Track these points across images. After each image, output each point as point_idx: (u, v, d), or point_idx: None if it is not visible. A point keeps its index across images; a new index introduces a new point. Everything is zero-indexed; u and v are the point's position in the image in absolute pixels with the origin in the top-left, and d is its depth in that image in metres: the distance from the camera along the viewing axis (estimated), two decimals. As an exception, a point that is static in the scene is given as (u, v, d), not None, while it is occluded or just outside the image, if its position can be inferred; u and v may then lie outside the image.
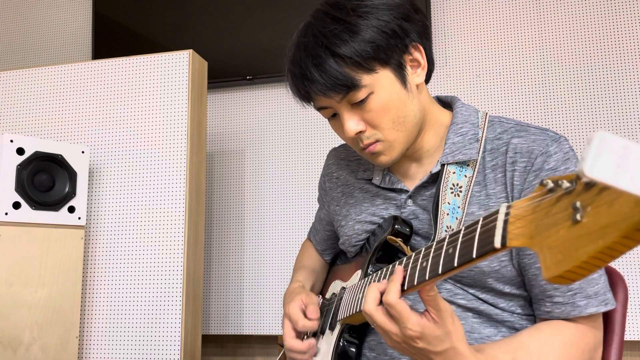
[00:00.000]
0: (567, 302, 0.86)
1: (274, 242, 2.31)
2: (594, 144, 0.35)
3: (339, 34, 0.87)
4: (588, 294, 0.86)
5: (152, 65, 2.01)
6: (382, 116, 0.90)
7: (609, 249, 0.38)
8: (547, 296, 0.88)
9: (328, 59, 0.87)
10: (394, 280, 0.73)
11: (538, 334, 0.86)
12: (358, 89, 0.88)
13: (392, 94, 0.90)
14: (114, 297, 1.90)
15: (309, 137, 2.34)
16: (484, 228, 0.57)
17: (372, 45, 0.87)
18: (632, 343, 2.05)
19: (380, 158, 0.94)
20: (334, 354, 0.95)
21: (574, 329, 0.87)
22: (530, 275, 0.89)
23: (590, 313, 0.86)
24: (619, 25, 2.15)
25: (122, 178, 1.97)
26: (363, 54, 0.86)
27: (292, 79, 0.93)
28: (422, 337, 0.72)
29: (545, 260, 0.45)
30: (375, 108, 0.89)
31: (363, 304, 0.77)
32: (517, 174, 0.90)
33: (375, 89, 0.89)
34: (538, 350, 0.83)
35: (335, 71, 0.86)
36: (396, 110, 0.90)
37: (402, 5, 0.91)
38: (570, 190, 0.43)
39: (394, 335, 0.74)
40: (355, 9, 0.89)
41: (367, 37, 0.86)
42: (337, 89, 0.87)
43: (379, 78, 0.89)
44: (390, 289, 0.73)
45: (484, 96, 2.22)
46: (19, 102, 2.10)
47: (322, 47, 0.87)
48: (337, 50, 0.86)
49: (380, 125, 0.91)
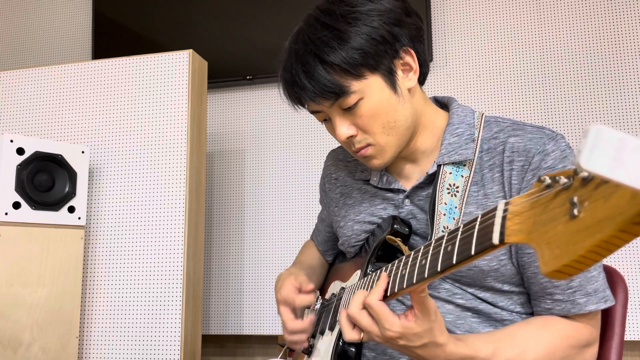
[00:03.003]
0: (567, 300, 0.87)
1: (274, 242, 2.31)
2: (590, 137, 0.35)
3: (328, 41, 0.87)
4: (588, 292, 0.86)
5: (152, 65, 2.01)
6: (372, 121, 0.91)
7: (606, 242, 0.39)
8: (547, 294, 0.88)
9: (317, 67, 0.88)
10: (378, 286, 0.76)
11: (526, 326, 0.87)
12: (347, 95, 0.88)
13: (382, 100, 0.90)
14: (114, 297, 1.90)
15: (309, 137, 2.34)
16: (483, 225, 0.57)
17: (360, 53, 0.87)
18: (632, 343, 2.05)
19: (373, 162, 0.95)
20: (333, 353, 0.95)
21: (567, 324, 0.87)
22: (529, 273, 0.90)
23: (591, 310, 0.86)
24: (619, 25, 2.15)
25: (122, 178, 1.97)
26: (351, 61, 0.87)
27: (284, 84, 0.95)
28: (401, 337, 0.75)
29: (543, 256, 0.45)
30: (366, 113, 0.90)
31: (348, 307, 0.79)
32: (515, 173, 0.90)
33: (365, 95, 0.89)
34: (524, 342, 0.84)
35: (324, 78, 0.87)
36: (386, 115, 0.91)
37: (393, 10, 0.91)
38: (567, 186, 0.43)
39: (377, 337, 0.77)
40: (345, 15, 0.89)
41: (355, 44, 0.87)
42: (326, 95, 0.88)
43: (369, 84, 0.89)
44: (372, 292, 0.76)
45: (484, 96, 2.22)
46: (19, 102, 2.10)
47: (311, 54, 0.88)
48: (326, 58, 0.87)
49: (370, 130, 0.91)
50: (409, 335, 0.75)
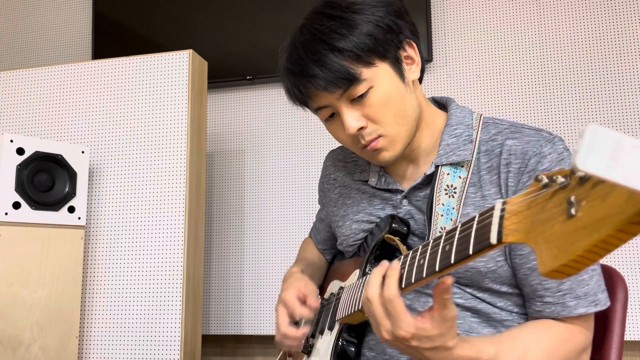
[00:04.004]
0: (557, 302, 0.86)
1: (274, 242, 2.31)
2: (586, 137, 0.35)
3: (337, 29, 0.87)
4: (578, 295, 0.86)
5: (152, 65, 2.01)
6: (383, 110, 0.90)
7: (603, 242, 0.38)
8: (537, 296, 0.88)
9: (328, 54, 0.87)
10: (391, 275, 0.73)
11: (525, 329, 0.87)
12: (358, 82, 0.88)
13: (392, 88, 0.90)
14: (114, 297, 1.90)
15: (309, 137, 2.34)
16: (480, 224, 0.57)
17: (371, 38, 0.87)
18: (632, 343, 2.05)
19: (383, 154, 0.93)
20: (333, 353, 0.95)
21: (564, 328, 0.87)
22: (521, 274, 0.90)
23: (580, 313, 0.86)
24: (619, 25, 2.15)
25: (122, 178, 1.97)
26: (363, 46, 0.87)
27: (291, 78, 0.93)
28: (413, 338, 0.72)
29: (541, 255, 0.45)
30: (376, 102, 0.89)
31: (365, 289, 0.76)
32: (512, 175, 0.90)
33: (375, 83, 0.89)
34: (524, 345, 0.84)
35: (337, 64, 0.86)
36: (397, 104, 0.90)
37: (394, 3, 0.92)
38: (564, 185, 0.43)
39: (385, 332, 0.74)
40: (350, 6, 0.90)
41: (365, 30, 0.87)
42: (338, 82, 0.87)
43: (378, 72, 0.89)
44: (388, 283, 0.73)
45: (483, 96, 2.22)
46: (19, 102, 2.10)
47: (320, 42, 0.88)
48: (337, 44, 0.87)
49: (381, 120, 0.90)
50: (421, 337, 0.72)
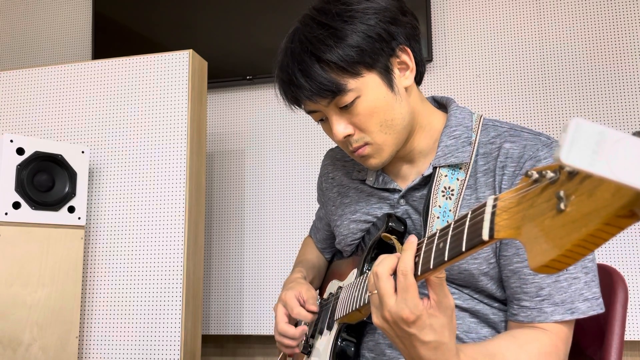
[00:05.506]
0: (534, 307, 0.86)
1: (274, 242, 2.31)
2: (570, 130, 0.35)
3: (324, 39, 0.87)
4: (555, 302, 0.85)
5: (152, 65, 2.01)
6: (370, 119, 0.90)
7: (592, 236, 0.38)
8: (516, 299, 0.88)
9: (313, 65, 0.87)
10: (408, 249, 0.69)
11: (514, 341, 0.84)
12: (344, 93, 0.88)
13: (379, 98, 0.90)
14: (114, 297, 1.91)
15: (309, 137, 2.34)
16: (473, 221, 0.57)
17: (357, 50, 0.86)
18: (632, 343, 2.04)
19: (370, 161, 0.95)
20: (332, 353, 0.95)
21: (549, 339, 0.85)
22: (504, 276, 0.90)
23: (556, 320, 0.84)
24: (619, 25, 2.14)
25: (122, 178, 1.97)
26: (347, 58, 0.86)
27: (280, 84, 0.94)
28: (415, 322, 0.67)
29: (531, 250, 0.45)
30: (362, 112, 0.89)
31: (376, 264, 0.72)
32: (506, 178, 0.89)
33: (362, 93, 0.89)
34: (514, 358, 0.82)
35: (321, 77, 0.87)
36: (383, 114, 0.90)
37: (389, 9, 0.91)
38: (554, 180, 0.43)
39: (387, 312, 0.69)
40: (341, 13, 0.88)
41: (352, 42, 0.87)
42: (323, 94, 0.88)
43: (365, 82, 0.89)
44: (405, 257, 0.68)
45: (483, 96, 2.22)
46: (19, 102, 2.11)
47: (307, 52, 0.88)
48: (322, 56, 0.87)
49: (368, 128, 0.91)
50: (423, 324, 0.67)
